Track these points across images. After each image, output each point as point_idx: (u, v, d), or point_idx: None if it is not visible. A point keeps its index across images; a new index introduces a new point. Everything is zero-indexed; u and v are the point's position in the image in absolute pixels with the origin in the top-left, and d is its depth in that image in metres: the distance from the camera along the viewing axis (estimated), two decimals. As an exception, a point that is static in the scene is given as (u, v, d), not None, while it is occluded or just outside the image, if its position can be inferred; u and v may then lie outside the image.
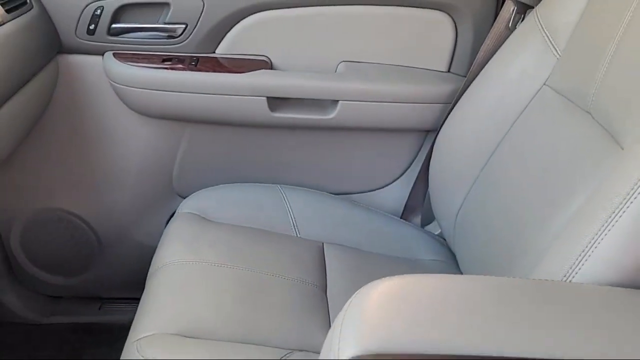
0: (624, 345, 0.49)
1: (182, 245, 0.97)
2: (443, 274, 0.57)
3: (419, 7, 1.16)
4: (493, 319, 0.49)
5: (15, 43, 0.98)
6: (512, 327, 0.49)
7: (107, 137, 1.21)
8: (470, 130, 1.04)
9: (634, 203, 0.59)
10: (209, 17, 1.13)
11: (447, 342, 0.46)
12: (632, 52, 0.74)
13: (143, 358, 0.72)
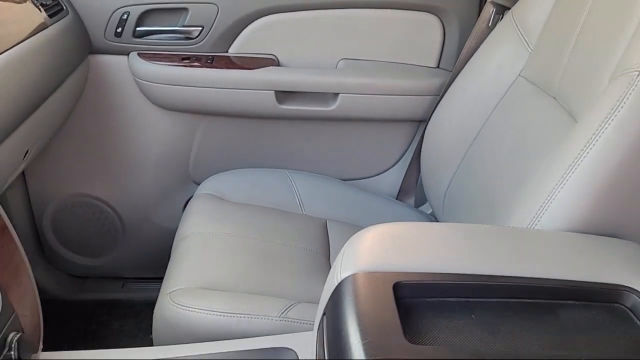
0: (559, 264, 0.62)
1: (202, 220, 1.10)
2: (426, 222, 0.70)
3: (411, 10, 1.30)
4: (461, 248, 0.62)
5: (56, 44, 1.11)
6: (476, 253, 0.62)
7: (130, 129, 1.34)
8: (456, 118, 1.17)
9: (583, 163, 0.71)
10: (222, 20, 1.27)
11: (423, 262, 0.59)
12: (588, 44, 0.87)
13: (175, 304, 0.85)
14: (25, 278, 0.69)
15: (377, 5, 1.29)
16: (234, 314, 0.83)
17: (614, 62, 0.78)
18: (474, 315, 0.56)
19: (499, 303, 0.58)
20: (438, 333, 0.53)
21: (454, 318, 0.55)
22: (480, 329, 0.54)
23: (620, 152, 0.70)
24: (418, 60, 1.33)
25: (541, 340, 0.53)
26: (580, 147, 0.72)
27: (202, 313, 0.83)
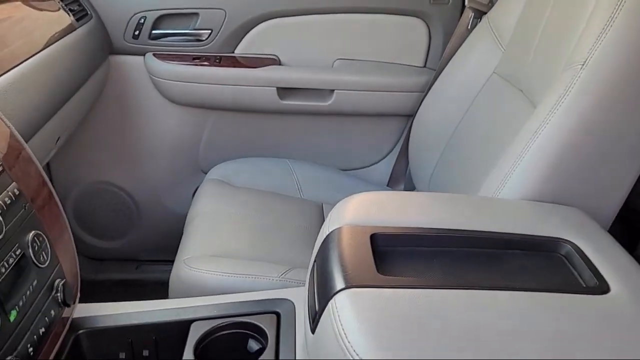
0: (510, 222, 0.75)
1: (211, 201, 1.23)
2: (404, 192, 0.83)
3: (400, 15, 1.44)
4: (430, 209, 0.76)
5: (82, 45, 1.25)
6: (441, 213, 0.75)
7: (146, 122, 1.48)
8: (439, 112, 1.30)
9: (535, 143, 0.84)
10: (229, 24, 1.41)
11: (396, 219, 0.72)
12: (548, 42, 1.01)
13: (189, 268, 0.98)
14: (67, 237, 0.82)
15: (370, 11, 1.43)
16: (239, 274, 0.96)
17: (567, 56, 0.91)
18: (435, 260, 0.69)
19: (458, 251, 0.71)
20: (404, 271, 0.66)
21: (419, 262, 0.68)
22: (440, 270, 0.67)
23: (566, 133, 0.83)
24: (406, 60, 1.47)
25: (489, 277, 0.66)
26: (534, 129, 0.86)
27: (212, 274, 0.97)
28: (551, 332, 0.57)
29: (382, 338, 0.55)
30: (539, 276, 0.68)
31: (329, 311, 0.59)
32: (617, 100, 0.82)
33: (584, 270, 0.67)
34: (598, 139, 0.83)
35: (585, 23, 0.89)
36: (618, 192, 0.88)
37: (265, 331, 0.80)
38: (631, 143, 0.85)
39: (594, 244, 0.71)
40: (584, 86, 0.82)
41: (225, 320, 0.82)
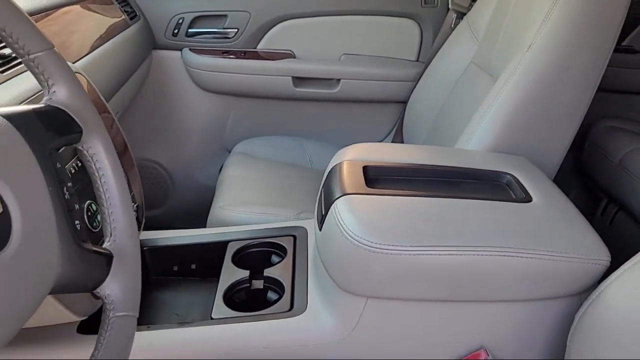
0: (467, 161, 1.00)
1: (238, 168, 1.49)
2: (394, 143, 1.09)
3: (396, 17, 1.70)
4: (409, 152, 1.01)
5: (133, 40, 1.53)
6: (417, 154, 1.01)
7: (181, 107, 1.75)
8: (427, 96, 1.56)
9: (493, 108, 1.10)
10: (252, 24, 1.69)
11: (383, 158, 0.98)
12: (509, 34, 1.26)
13: (224, 209, 1.24)
14: (135, 171, 1.08)
15: (370, 13, 1.70)
16: (264, 213, 1.22)
17: (520, 43, 1.17)
18: (411, 183, 0.95)
19: (427, 179, 0.96)
20: (386, 189, 0.91)
21: (399, 184, 0.94)
22: (413, 188, 0.93)
23: (514, 101, 1.08)
24: (402, 54, 1.73)
25: (450, 192, 0.92)
26: (492, 99, 1.11)
27: (242, 214, 1.23)
28: (491, 220, 0.82)
29: (369, 224, 0.80)
30: (486, 193, 0.93)
31: (332, 211, 0.85)
32: (553, 75, 1.08)
33: (517, 190, 0.93)
34: (539, 105, 1.09)
35: (535, 14, 1.15)
36: (558, 146, 1.13)
37: (286, 248, 1.05)
38: (565, 109, 1.10)
39: (528, 176, 0.97)
40: (528, 65, 1.08)
41: (254, 240, 1.07)
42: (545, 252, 0.77)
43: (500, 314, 0.82)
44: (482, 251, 0.77)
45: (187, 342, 0.85)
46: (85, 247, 0.56)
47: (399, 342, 0.83)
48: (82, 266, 0.55)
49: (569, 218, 0.86)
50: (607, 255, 0.79)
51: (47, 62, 0.57)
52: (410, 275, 0.78)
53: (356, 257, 0.78)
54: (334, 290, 0.84)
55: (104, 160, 0.61)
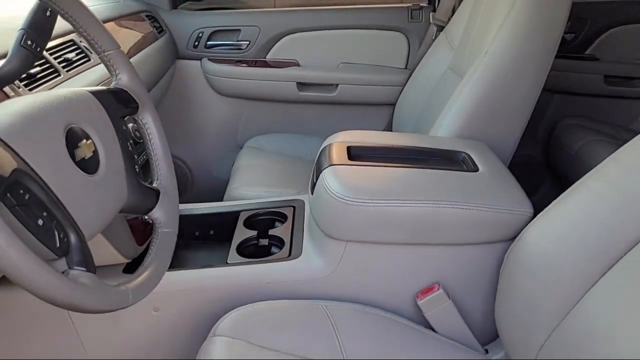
0: (434, 143, 1.25)
1: (249, 159, 1.75)
2: (376, 131, 1.33)
3: (387, 30, 1.96)
4: (389, 137, 1.26)
5: (160, 51, 1.80)
6: (396, 139, 1.25)
7: (200, 109, 2.01)
8: (412, 99, 1.81)
9: (458, 101, 1.34)
10: (262, 37, 1.95)
11: (364, 140, 1.22)
12: (475, 42, 1.51)
13: (238, 189, 1.49)
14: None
15: (365, 27, 1.96)
16: (270, 192, 1.47)
17: (482, 49, 1.41)
18: (385, 159, 1.19)
19: (399, 157, 1.20)
20: (364, 162, 1.16)
21: (374, 160, 1.18)
22: (386, 162, 1.17)
23: (474, 96, 1.32)
24: (392, 63, 1.99)
25: (413, 166, 1.16)
26: (457, 93, 1.36)
27: (251, 192, 1.48)
28: (443, 182, 1.06)
29: (347, 184, 1.04)
30: (444, 166, 1.17)
31: (320, 178, 1.09)
32: (506, 75, 1.32)
33: (468, 164, 1.17)
34: (495, 99, 1.32)
35: (495, 24, 1.40)
36: (512, 134, 1.37)
37: (286, 215, 1.30)
38: (517, 103, 1.33)
39: (480, 155, 1.21)
40: (485, 67, 1.32)
41: (261, 209, 1.32)
42: (481, 205, 1.01)
43: (451, 256, 1.06)
44: (433, 204, 1.01)
45: (208, 278, 1.09)
46: (142, 183, 0.81)
47: (372, 277, 1.07)
48: (140, 196, 0.80)
49: (504, 183, 1.10)
50: (530, 208, 1.02)
51: (115, 58, 0.83)
52: (378, 222, 1.02)
53: (337, 210, 1.02)
54: (322, 237, 1.08)
55: (152, 127, 0.87)
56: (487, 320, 1.09)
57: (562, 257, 0.88)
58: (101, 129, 0.74)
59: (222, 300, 1.07)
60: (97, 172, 0.71)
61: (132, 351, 1.11)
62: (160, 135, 0.87)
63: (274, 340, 0.95)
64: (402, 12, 1.95)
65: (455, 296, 1.07)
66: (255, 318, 0.99)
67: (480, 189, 1.06)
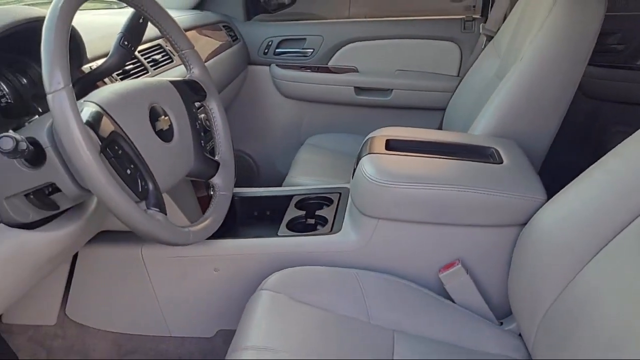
0: (469, 140, 1.38)
1: (306, 155, 1.94)
2: (415, 128, 1.48)
3: (441, 40, 2.10)
4: (427, 134, 1.41)
5: (234, 59, 2.03)
6: (433, 135, 1.40)
7: (267, 109, 2.23)
8: (460, 104, 1.93)
9: (495, 101, 1.46)
10: (325, 46, 2.15)
11: (405, 135, 1.38)
12: (517, 49, 1.62)
13: (295, 178, 1.68)
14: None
15: (420, 37, 2.11)
16: (320, 181, 1.65)
17: (518, 56, 1.53)
18: (419, 151, 1.34)
19: (432, 149, 1.35)
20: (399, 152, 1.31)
21: (409, 151, 1.33)
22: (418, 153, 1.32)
23: (510, 97, 1.44)
24: (445, 71, 2.12)
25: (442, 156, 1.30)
26: (495, 95, 1.48)
27: (305, 181, 1.66)
28: (467, 171, 1.20)
29: (380, 169, 1.20)
30: (472, 158, 1.30)
31: (359, 164, 1.26)
32: (539, 80, 1.43)
33: (495, 158, 1.30)
34: (528, 102, 1.44)
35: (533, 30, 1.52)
36: (545, 135, 1.47)
37: (333, 199, 1.47)
38: (549, 105, 1.44)
39: (508, 150, 1.33)
40: (520, 71, 1.44)
41: (311, 194, 1.50)
42: (497, 191, 1.14)
43: (470, 236, 1.19)
44: (455, 188, 1.15)
45: (260, 246, 1.28)
46: (206, 155, 1.01)
47: (399, 251, 1.22)
48: (204, 164, 1.00)
49: (523, 173, 1.22)
50: (542, 195, 1.14)
51: (190, 55, 1.04)
52: (405, 203, 1.17)
53: (371, 190, 1.18)
54: (358, 215, 1.25)
55: (216, 112, 1.07)
56: (503, 297, 1.21)
57: (563, 237, 1.00)
58: (176, 109, 0.95)
59: (270, 264, 1.26)
60: (171, 142, 0.92)
61: (194, 301, 1.31)
62: (223, 119, 1.07)
63: (310, 297, 1.12)
64: (455, 24, 2.09)
65: (473, 272, 1.20)
66: (296, 278, 1.16)
67: (499, 177, 1.19)
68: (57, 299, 1.37)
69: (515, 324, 1.18)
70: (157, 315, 1.34)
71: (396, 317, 1.11)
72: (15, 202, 0.86)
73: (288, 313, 1.07)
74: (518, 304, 1.10)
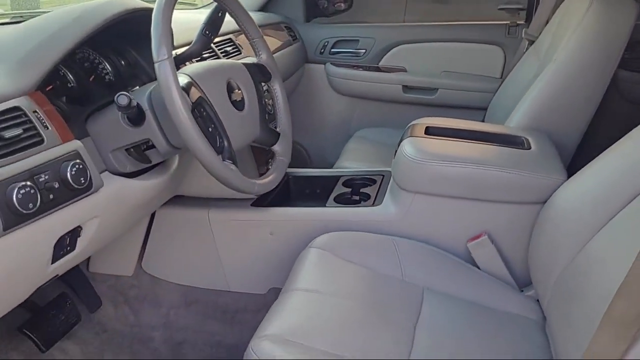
0: (504, 130, 1.53)
1: (354, 145, 2.12)
2: (455, 119, 1.64)
3: (485, 43, 2.25)
4: (465, 123, 1.57)
5: (293, 56, 2.24)
6: (471, 125, 1.56)
7: (321, 104, 2.43)
8: (501, 104, 2.06)
9: (530, 96, 1.61)
10: (376, 47, 2.33)
11: (444, 124, 1.54)
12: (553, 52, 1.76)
13: (342, 163, 1.87)
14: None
15: (466, 41, 2.26)
16: (366, 166, 1.82)
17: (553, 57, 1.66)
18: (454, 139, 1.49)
19: (469, 137, 1.50)
20: (437, 137, 1.47)
21: (445, 138, 1.49)
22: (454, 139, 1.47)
23: (544, 94, 1.58)
24: (489, 73, 2.26)
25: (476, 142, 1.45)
26: (530, 90, 1.62)
27: (354, 164, 1.84)
28: (496, 153, 1.35)
29: (418, 148, 1.37)
30: (503, 144, 1.45)
31: (401, 146, 1.43)
32: (571, 79, 1.56)
33: (524, 144, 1.44)
34: (559, 99, 1.57)
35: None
36: (575, 130, 1.60)
37: (376, 180, 1.64)
38: (579, 103, 1.57)
39: (536, 139, 1.47)
40: (553, 71, 1.58)
41: (357, 175, 1.68)
42: (524, 172, 1.29)
43: (497, 211, 1.34)
44: (482, 167, 1.30)
45: (310, 214, 1.47)
46: (269, 126, 1.21)
47: (432, 222, 1.38)
48: (267, 133, 1.20)
49: (547, 157, 1.36)
50: (562, 175, 1.28)
51: (259, 43, 1.25)
52: (440, 179, 1.33)
53: (409, 167, 1.35)
54: (397, 190, 1.42)
55: (278, 91, 1.27)
56: (524, 268, 1.35)
57: (577, 211, 1.14)
58: (247, 85, 1.16)
59: (318, 230, 1.44)
60: (242, 111, 1.12)
61: (251, 260, 1.51)
62: (284, 98, 1.27)
63: (352, 256, 1.29)
64: (500, 29, 2.23)
65: (497, 244, 1.35)
66: (340, 240, 1.34)
67: (525, 160, 1.34)
68: (135, 254, 1.60)
69: (533, 291, 1.32)
70: (219, 271, 1.54)
71: (426, 277, 1.27)
72: (118, 155, 1.08)
73: (332, 267, 1.25)
74: (536, 271, 1.25)
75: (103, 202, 1.02)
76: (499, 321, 1.19)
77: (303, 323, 1.06)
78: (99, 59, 1.20)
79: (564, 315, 1.07)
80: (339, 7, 2.50)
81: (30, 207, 0.83)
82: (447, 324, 1.15)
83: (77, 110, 1.06)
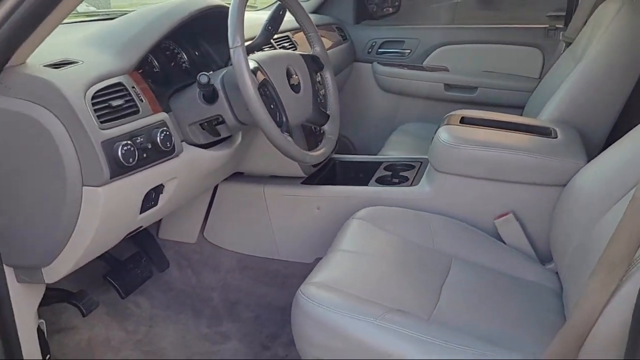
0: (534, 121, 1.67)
1: (397, 137, 2.28)
2: (488, 112, 1.79)
3: (525, 46, 2.38)
4: (499, 115, 1.72)
5: (342, 55, 2.42)
6: (505, 117, 1.71)
7: (368, 100, 2.61)
8: (537, 103, 2.18)
9: (560, 92, 1.74)
10: (421, 48, 2.49)
11: (479, 115, 1.70)
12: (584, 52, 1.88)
13: (386, 153, 2.04)
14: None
15: (506, 43, 2.40)
16: (406, 154, 1.99)
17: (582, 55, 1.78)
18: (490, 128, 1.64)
19: (500, 127, 1.65)
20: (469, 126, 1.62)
21: (478, 127, 1.64)
22: (493, 129, 1.62)
23: (574, 90, 1.71)
24: (528, 73, 2.39)
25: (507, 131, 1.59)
26: (562, 87, 1.76)
27: (395, 153, 2.01)
28: (523, 140, 1.50)
29: (451, 134, 1.53)
30: (536, 134, 1.59)
31: (437, 132, 1.59)
32: (598, 77, 1.68)
33: (551, 134, 1.58)
34: (587, 95, 1.70)
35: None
36: (603, 125, 1.72)
37: (415, 166, 1.80)
38: (606, 99, 1.69)
39: (564, 130, 1.61)
40: (581, 70, 1.71)
41: (398, 161, 1.84)
42: (548, 156, 1.43)
43: (522, 192, 1.48)
44: (513, 152, 1.46)
45: (353, 192, 1.65)
46: (321, 109, 1.40)
47: (463, 201, 1.53)
48: (318, 114, 1.39)
49: (571, 145, 1.50)
50: (582, 160, 1.41)
51: (313, 37, 1.44)
52: (471, 161, 1.49)
53: (443, 150, 1.52)
54: (432, 171, 1.58)
55: (329, 80, 1.46)
56: (546, 245, 1.49)
57: (592, 191, 1.28)
58: (303, 73, 1.35)
59: (360, 206, 1.61)
60: (298, 93, 1.31)
61: (299, 232, 1.70)
62: (334, 85, 1.46)
63: (390, 226, 1.46)
64: (539, 32, 2.36)
65: (523, 222, 1.49)
66: (380, 213, 1.51)
67: (550, 147, 1.48)
68: (198, 224, 1.81)
69: (554, 264, 1.46)
70: (271, 241, 1.74)
71: (455, 248, 1.43)
72: (193, 129, 1.29)
73: (371, 234, 1.42)
74: (555, 246, 1.39)
75: (181, 166, 1.23)
76: (519, 286, 1.34)
77: (344, 275, 1.23)
78: (178, 49, 1.42)
79: (575, 282, 1.21)
80: (387, 11, 2.67)
81: (130, 162, 1.04)
82: (470, 285, 1.30)
83: (161, 90, 1.28)
